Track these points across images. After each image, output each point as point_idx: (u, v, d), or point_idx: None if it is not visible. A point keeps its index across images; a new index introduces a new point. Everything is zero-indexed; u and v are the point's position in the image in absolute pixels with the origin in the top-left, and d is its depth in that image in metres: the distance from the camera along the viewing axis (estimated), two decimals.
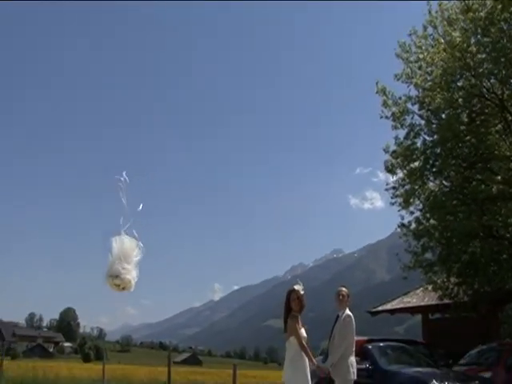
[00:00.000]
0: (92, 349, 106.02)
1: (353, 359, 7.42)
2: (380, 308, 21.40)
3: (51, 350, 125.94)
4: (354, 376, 7.36)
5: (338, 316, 7.65)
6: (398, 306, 20.39)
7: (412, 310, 20.85)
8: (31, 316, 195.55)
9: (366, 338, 10.57)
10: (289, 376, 7.17)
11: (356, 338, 7.76)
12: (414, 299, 19.72)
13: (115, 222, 4.57)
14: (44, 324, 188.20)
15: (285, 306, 7.38)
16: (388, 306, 21.01)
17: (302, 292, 7.33)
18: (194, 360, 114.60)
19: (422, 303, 18.81)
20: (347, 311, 7.57)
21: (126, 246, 4.55)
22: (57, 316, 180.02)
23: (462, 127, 14.68)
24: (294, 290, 7.36)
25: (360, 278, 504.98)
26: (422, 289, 18.65)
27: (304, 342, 7.22)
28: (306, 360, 7.18)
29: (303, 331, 7.30)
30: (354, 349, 7.50)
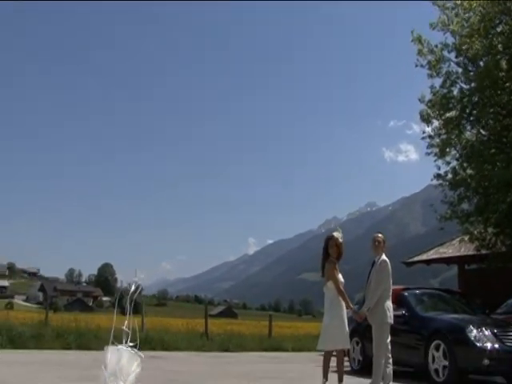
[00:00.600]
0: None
1: (389, 303, 7.43)
2: (415, 259, 21.26)
3: (90, 304, 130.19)
4: (390, 320, 7.37)
5: (374, 262, 7.65)
6: (434, 257, 20.22)
7: (448, 261, 20.66)
8: (71, 272, 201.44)
9: (402, 286, 10.54)
10: (327, 321, 7.26)
11: (392, 287, 7.73)
12: (450, 250, 19.50)
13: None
14: (83, 279, 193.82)
15: (323, 251, 7.53)
16: (423, 257, 20.86)
17: (340, 240, 7.43)
18: (229, 313, 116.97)
19: (458, 254, 18.60)
20: (383, 256, 7.56)
21: (124, 362, 3.70)
22: (95, 271, 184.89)
23: (501, 74, 14.25)
24: (332, 236, 7.49)
25: (394, 231, 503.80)
26: (458, 239, 18.41)
27: (341, 287, 7.30)
28: (344, 305, 7.27)
29: (341, 276, 7.41)
30: (390, 293, 7.50)
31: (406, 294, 10.40)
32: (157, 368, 10.43)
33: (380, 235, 7.78)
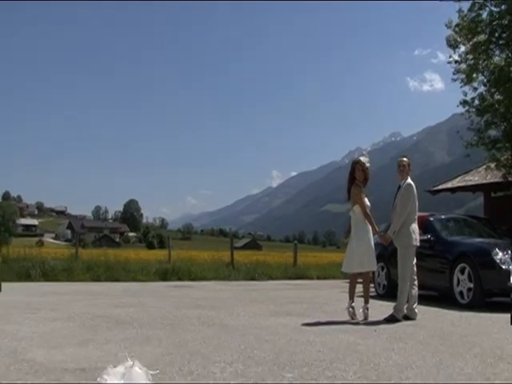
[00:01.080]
0: (155, 237, 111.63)
1: (415, 226, 7.42)
2: (440, 187, 21.07)
3: (117, 239, 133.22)
4: (416, 242, 7.39)
5: (399, 186, 7.59)
6: (459, 185, 20.01)
7: (473, 189, 20.43)
8: (97, 209, 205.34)
9: (427, 213, 10.51)
10: (353, 244, 7.32)
11: (417, 213, 7.71)
12: (476, 177, 19.26)
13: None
14: (109, 216, 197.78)
15: (349, 176, 7.53)
16: (448, 185, 20.66)
17: (367, 164, 7.41)
18: (253, 245, 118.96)
19: (485, 181, 18.36)
20: (408, 180, 7.50)
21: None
22: (121, 208, 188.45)
23: None
24: (359, 160, 7.47)
25: (419, 161, 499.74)
26: (484, 167, 18.15)
27: (368, 211, 7.32)
28: (370, 229, 7.31)
29: (367, 200, 7.42)
30: (415, 217, 7.48)
31: (432, 219, 10.39)
32: (185, 295, 10.70)
33: (405, 159, 7.69)
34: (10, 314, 7.06)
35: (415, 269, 7.48)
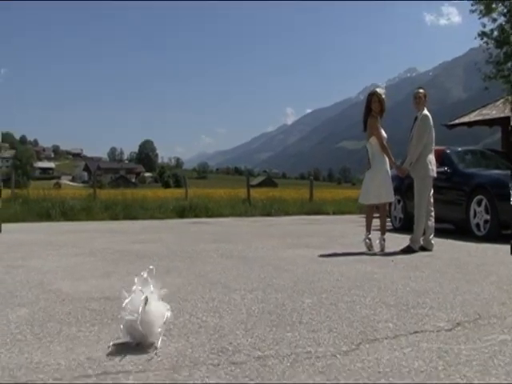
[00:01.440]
0: (171, 177, 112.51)
1: (431, 157, 7.40)
2: (457, 121, 20.82)
3: (133, 180, 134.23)
4: (432, 173, 7.38)
5: (416, 118, 7.52)
6: (477, 119, 19.74)
7: (491, 123, 20.14)
8: (112, 150, 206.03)
9: (444, 147, 10.42)
10: (370, 175, 7.33)
11: (434, 146, 7.65)
12: (494, 111, 18.95)
13: None
14: (125, 157, 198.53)
15: (365, 107, 7.48)
16: (465, 119, 20.39)
17: (383, 96, 7.34)
18: (269, 182, 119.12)
19: (502, 115, 18.07)
20: (424, 111, 7.43)
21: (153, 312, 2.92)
22: (136, 149, 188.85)
23: None
24: (375, 92, 7.43)
25: (435, 97, 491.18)
26: (502, 100, 17.83)
27: (384, 142, 7.30)
28: (387, 160, 7.30)
29: (383, 132, 7.38)
30: (432, 148, 7.44)
31: (449, 151, 10.32)
32: (202, 231, 10.87)
33: (421, 90, 7.60)
34: (34, 251, 7.23)
35: (432, 200, 7.51)
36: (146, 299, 2.81)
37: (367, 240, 7.31)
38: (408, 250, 7.24)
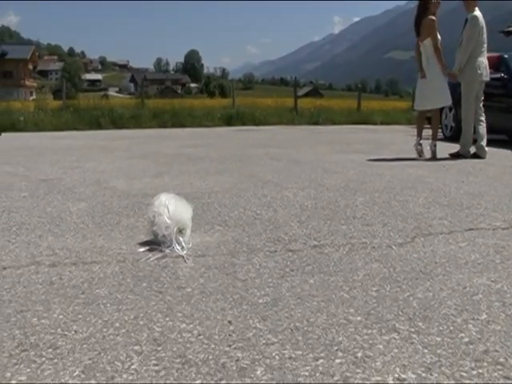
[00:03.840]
0: (216, 87, 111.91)
1: (482, 60, 7.07)
2: None
3: (179, 91, 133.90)
4: (482, 78, 7.08)
5: (466, 20, 7.14)
6: None
7: None
8: (158, 61, 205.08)
9: (499, 53, 9.90)
10: (425, 81, 7.09)
11: (488, 54, 7.29)
12: None
13: None
14: (170, 68, 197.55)
15: (419, 8, 7.07)
16: None
17: None
18: (315, 93, 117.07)
19: None
20: (475, 12, 7.04)
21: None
22: (182, 59, 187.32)
23: None
24: None
25: (489, 5, 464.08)
26: None
27: (439, 45, 6.99)
28: (439, 66, 7.02)
29: (438, 34, 7.04)
30: (483, 50, 7.10)
31: (506, 56, 9.81)
32: (251, 137, 10.86)
33: None
34: (87, 155, 7.40)
35: (482, 106, 7.25)
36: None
37: (418, 146, 7.18)
38: (457, 156, 7.11)
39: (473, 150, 7.20)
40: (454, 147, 7.48)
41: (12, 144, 9.46)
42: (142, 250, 2.60)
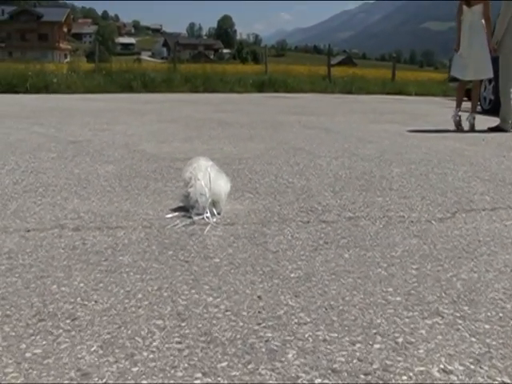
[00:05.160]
0: (249, 54, 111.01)
1: None
2: None
3: (212, 56, 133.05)
4: None
5: None
6: None
7: None
8: (191, 26, 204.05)
9: None
10: (469, 49, 6.75)
11: None
12: None
13: None
14: (203, 33, 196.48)
15: None
16: None
17: None
18: (348, 62, 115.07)
19: None
20: None
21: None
22: (215, 24, 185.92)
23: None
24: None
25: None
26: None
27: (489, 12, 6.65)
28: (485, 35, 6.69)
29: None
30: None
31: None
32: (283, 104, 10.68)
33: None
34: (118, 118, 7.32)
35: None
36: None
37: (457, 117, 6.92)
38: (496, 129, 6.85)
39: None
40: (494, 121, 7.21)
41: (44, 105, 9.45)
42: (169, 215, 2.49)
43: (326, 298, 1.60)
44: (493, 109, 9.93)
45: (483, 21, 6.70)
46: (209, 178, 2.47)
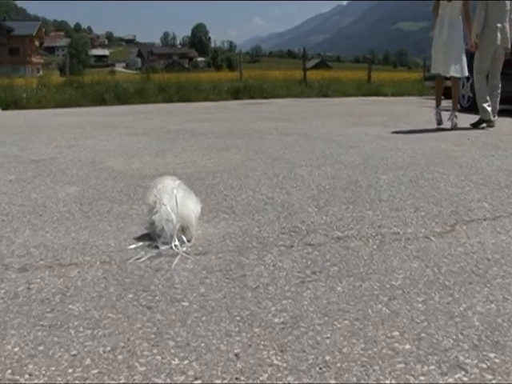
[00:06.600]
0: (224, 61, 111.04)
1: (502, 26, 6.55)
2: None
3: (186, 65, 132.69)
4: (500, 42, 6.60)
5: None
6: None
7: None
8: (165, 35, 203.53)
9: None
10: (446, 45, 6.54)
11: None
12: None
13: None
14: (177, 42, 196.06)
15: None
16: None
17: None
18: (323, 66, 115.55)
19: None
20: None
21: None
22: (189, 33, 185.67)
23: None
24: None
25: None
26: None
27: (468, 8, 6.46)
28: (462, 32, 6.50)
29: None
30: (504, 15, 6.61)
31: None
32: (259, 111, 10.39)
33: None
34: (87, 132, 6.97)
35: (498, 75, 6.80)
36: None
37: (437, 115, 6.76)
38: (479, 123, 6.72)
39: (489, 111, 6.77)
40: (474, 118, 7.03)
41: (10, 121, 9.05)
42: (132, 246, 2.17)
43: (320, 352, 1.30)
44: (472, 107, 9.75)
45: (461, 18, 6.52)
46: (175, 201, 2.15)
